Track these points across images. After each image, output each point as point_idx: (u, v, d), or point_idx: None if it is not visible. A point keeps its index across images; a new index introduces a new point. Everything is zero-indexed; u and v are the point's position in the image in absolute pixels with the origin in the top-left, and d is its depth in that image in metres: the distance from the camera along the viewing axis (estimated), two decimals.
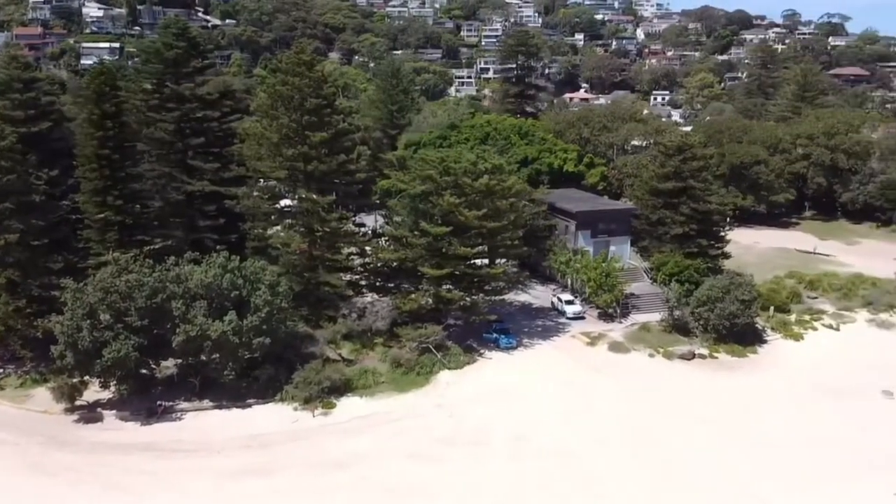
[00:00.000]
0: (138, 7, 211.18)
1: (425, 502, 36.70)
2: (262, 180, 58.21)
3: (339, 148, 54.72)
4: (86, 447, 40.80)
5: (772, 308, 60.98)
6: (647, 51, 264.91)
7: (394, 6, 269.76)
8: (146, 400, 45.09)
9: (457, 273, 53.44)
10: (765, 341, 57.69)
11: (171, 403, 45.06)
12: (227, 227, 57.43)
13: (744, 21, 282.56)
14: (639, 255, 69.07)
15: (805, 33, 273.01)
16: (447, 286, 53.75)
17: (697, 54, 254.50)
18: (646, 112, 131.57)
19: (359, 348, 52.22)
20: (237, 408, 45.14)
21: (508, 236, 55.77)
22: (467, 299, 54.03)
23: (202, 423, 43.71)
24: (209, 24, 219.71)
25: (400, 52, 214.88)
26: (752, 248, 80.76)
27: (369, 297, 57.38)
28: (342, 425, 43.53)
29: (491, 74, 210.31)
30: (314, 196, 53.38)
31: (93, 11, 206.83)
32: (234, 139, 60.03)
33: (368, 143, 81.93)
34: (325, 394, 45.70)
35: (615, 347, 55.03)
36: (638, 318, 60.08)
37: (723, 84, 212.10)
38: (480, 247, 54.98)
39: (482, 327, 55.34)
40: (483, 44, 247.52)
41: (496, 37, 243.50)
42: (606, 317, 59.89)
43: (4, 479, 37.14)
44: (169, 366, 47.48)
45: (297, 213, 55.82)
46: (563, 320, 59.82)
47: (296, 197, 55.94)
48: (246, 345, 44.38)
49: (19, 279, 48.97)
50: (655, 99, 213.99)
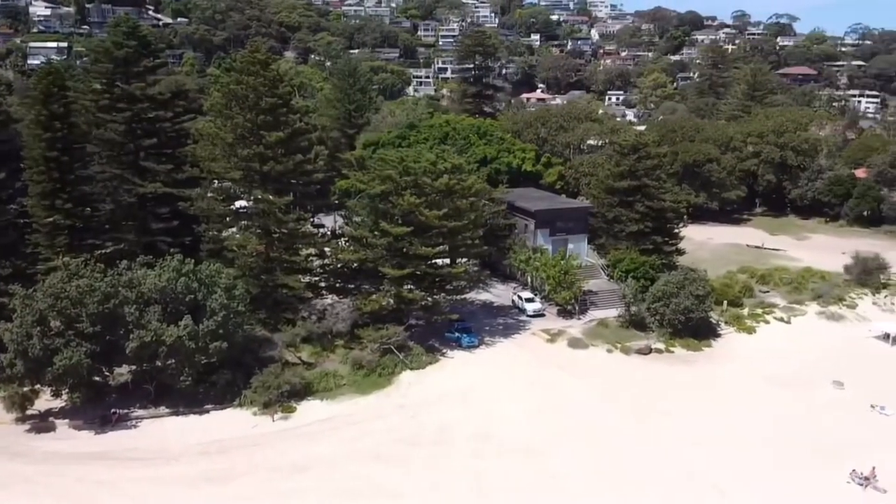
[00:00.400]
0: (87, 5, 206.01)
1: (389, 503, 36.53)
2: (216, 181, 57.16)
3: (296, 148, 54.12)
4: (39, 457, 39.57)
5: (725, 302, 62.39)
6: (601, 51, 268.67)
7: (350, 5, 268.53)
8: (100, 408, 43.94)
9: (418, 273, 53.37)
10: (719, 335, 58.99)
11: (125, 411, 44.00)
12: (181, 230, 56.35)
13: (695, 22, 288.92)
14: (596, 253, 70.10)
15: (754, 34, 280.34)
16: (408, 286, 53.62)
17: (650, 55, 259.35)
18: (601, 112, 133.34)
19: (319, 351, 51.68)
20: (194, 414, 44.32)
21: (469, 235, 55.92)
22: (429, 299, 53.96)
23: (158, 430, 42.78)
24: (160, 23, 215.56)
25: (356, 51, 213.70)
26: (706, 244, 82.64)
27: (329, 299, 56.88)
28: (303, 429, 43.08)
29: (449, 74, 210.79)
30: (271, 197, 52.66)
31: (40, 10, 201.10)
32: (188, 140, 58.96)
33: (326, 143, 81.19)
34: (285, 398, 45.15)
35: (574, 343, 55.65)
36: (596, 314, 60.92)
37: (675, 84, 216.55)
38: (441, 246, 54.96)
39: (444, 327, 55.37)
40: (440, 44, 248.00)
41: (453, 37, 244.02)
42: (566, 314, 60.56)
43: None
44: (123, 372, 46.29)
45: (254, 215, 54.97)
46: (523, 318, 60.28)
47: (252, 198, 55.06)
48: (202, 350, 43.59)
49: None
50: (610, 99, 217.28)
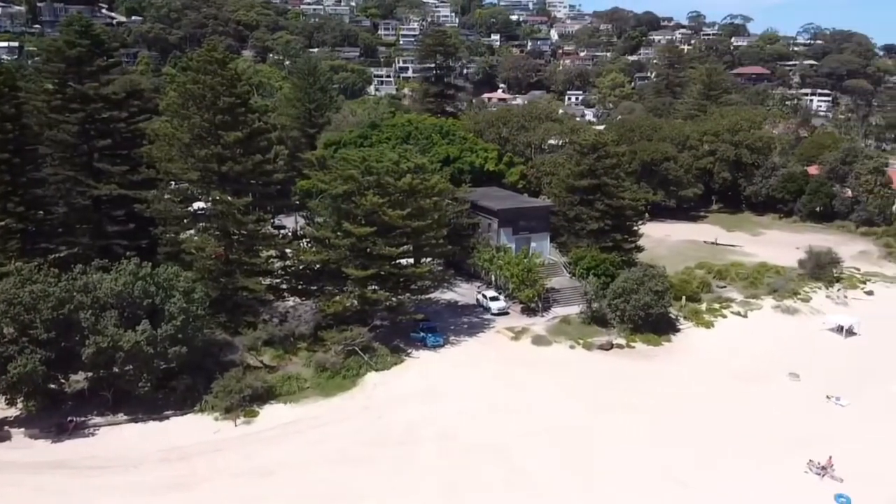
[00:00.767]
0: (38, 4, 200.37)
1: None
2: (173, 182, 56.15)
3: (255, 148, 53.32)
4: None
5: (683, 298, 63.50)
6: (561, 51, 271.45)
7: (308, 4, 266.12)
8: (56, 416, 42.66)
9: (382, 273, 53.10)
10: (678, 330, 59.98)
11: (83, 419, 42.82)
12: (138, 233, 55.19)
13: (652, 22, 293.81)
14: (558, 251, 70.77)
15: (709, 34, 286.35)
16: (372, 287, 53.34)
17: (609, 55, 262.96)
18: (561, 112, 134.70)
19: (281, 354, 51.03)
20: (154, 420, 43.34)
21: (433, 235, 55.86)
22: (393, 299, 53.71)
23: (117, 437, 41.73)
24: (114, 22, 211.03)
25: (316, 50, 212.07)
26: (664, 241, 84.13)
27: (291, 301, 56.20)
28: (266, 433, 42.49)
29: (410, 73, 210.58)
30: (229, 198, 51.75)
31: None
32: (143, 140, 57.80)
33: (286, 143, 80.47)
34: (247, 402, 44.44)
35: (538, 341, 56.07)
36: (559, 311, 61.47)
37: (633, 84, 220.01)
38: (405, 246, 54.83)
39: (409, 327, 55.24)
40: (401, 43, 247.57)
41: (414, 36, 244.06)
42: (529, 311, 60.99)
43: None
44: (79, 379, 45.01)
45: (212, 216, 54.00)
46: (488, 316, 60.53)
47: (210, 199, 54.10)
48: (161, 355, 42.70)
49: None
50: (570, 99, 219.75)
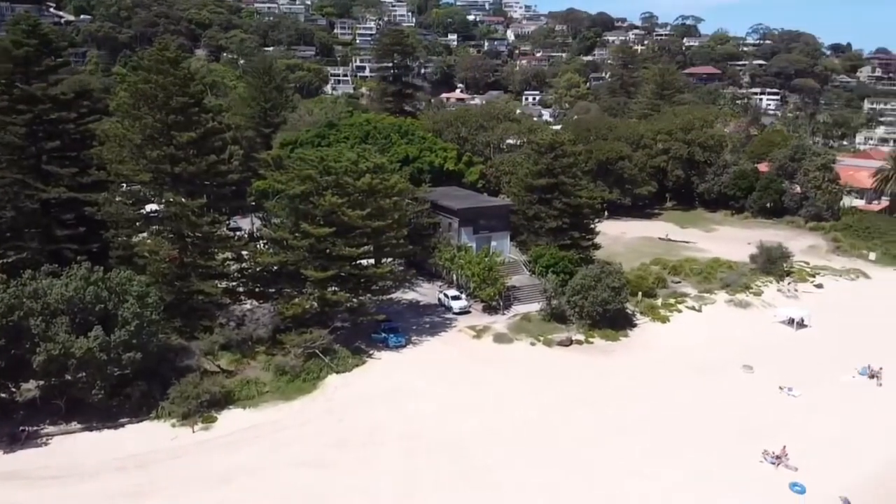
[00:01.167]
0: None
1: None
2: (125, 184, 54.78)
3: (209, 148, 52.32)
4: None
5: (640, 293, 64.58)
6: (517, 52, 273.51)
7: (262, 2, 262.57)
8: (7, 426, 41.26)
9: (342, 274, 52.65)
10: (635, 325, 60.96)
11: (35, 428, 41.46)
12: (89, 236, 53.62)
13: (606, 23, 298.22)
14: (518, 249, 71.30)
15: (662, 35, 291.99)
16: (332, 288, 52.87)
17: (564, 55, 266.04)
18: (518, 112, 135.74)
19: (239, 358, 50.17)
20: (109, 428, 42.18)
21: (393, 235, 55.65)
22: (354, 300, 53.37)
23: (71, 446, 40.50)
24: (62, 20, 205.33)
25: (271, 48, 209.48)
26: (620, 238, 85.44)
27: (248, 304, 55.29)
28: (225, 439, 41.73)
29: (367, 73, 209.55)
30: (183, 199, 50.69)
31: None
32: (93, 142, 56.08)
33: (241, 143, 79.25)
34: (205, 408, 43.62)
35: (500, 338, 56.39)
36: (519, 309, 61.92)
37: (588, 84, 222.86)
38: (365, 247, 54.47)
39: (371, 327, 54.95)
40: (358, 42, 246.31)
41: (371, 35, 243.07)
42: (490, 309, 61.28)
43: None
44: (30, 388, 43.61)
45: (165, 219, 52.81)
46: (449, 315, 60.61)
47: (163, 201, 52.89)
48: (115, 361, 41.58)
49: None
50: (527, 99, 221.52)
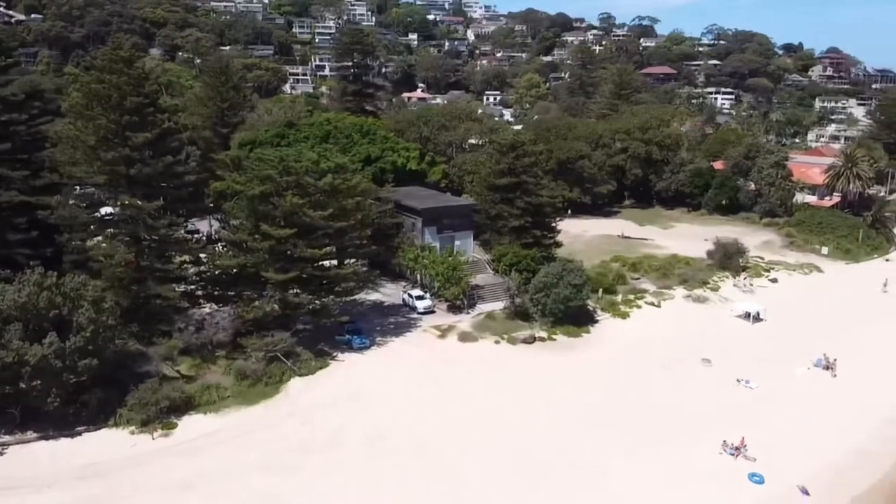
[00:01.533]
0: None
1: None
2: (78, 187, 53.56)
3: (165, 149, 51.26)
4: None
5: (601, 290, 65.36)
6: (478, 52, 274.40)
7: (219, 1, 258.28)
8: None
9: (304, 276, 52.01)
10: (596, 321, 61.70)
11: None
12: (42, 241, 51.91)
13: (565, 24, 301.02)
14: (481, 248, 71.55)
15: (619, 35, 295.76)
16: (294, 290, 52.16)
17: (524, 55, 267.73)
18: (480, 112, 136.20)
19: (199, 363, 49.29)
20: (66, 437, 41.11)
21: (356, 235, 55.26)
22: (316, 302, 52.77)
23: (27, 456, 39.38)
24: (12, 20, 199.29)
25: (228, 48, 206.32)
26: (581, 236, 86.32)
27: (207, 308, 54.33)
28: (186, 445, 40.97)
29: (327, 72, 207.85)
30: (139, 202, 49.52)
31: None
32: (45, 143, 54.65)
33: (198, 143, 77.72)
34: (165, 414, 42.78)
35: (464, 337, 56.52)
36: (483, 307, 62.17)
37: (548, 84, 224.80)
38: (328, 248, 53.93)
39: (334, 329, 54.45)
40: (317, 41, 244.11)
41: (330, 34, 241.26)
42: (455, 309, 61.36)
43: None
44: None
45: (121, 222, 51.56)
46: (414, 315, 60.47)
47: (118, 204, 51.65)
48: (70, 368, 40.48)
49: None
50: (488, 99, 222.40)
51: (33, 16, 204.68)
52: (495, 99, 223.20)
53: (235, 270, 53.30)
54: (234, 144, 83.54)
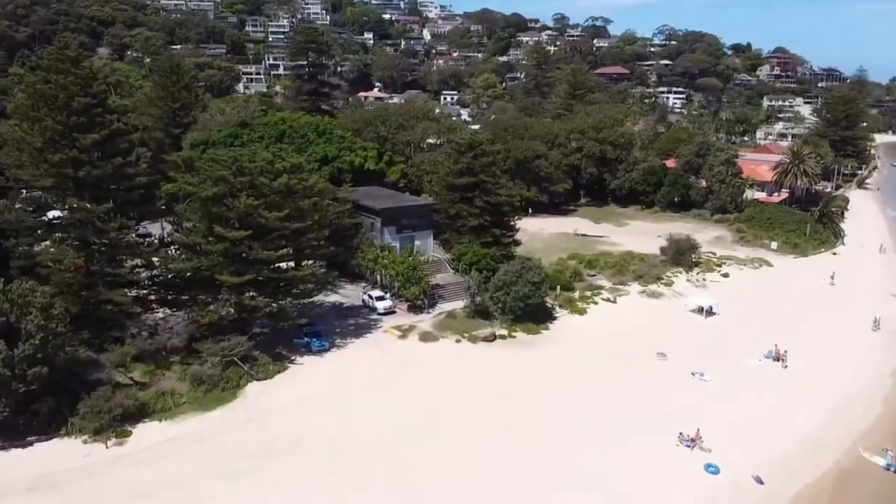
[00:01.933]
0: None
1: None
2: (24, 190, 51.83)
3: (115, 150, 49.97)
4: None
5: (558, 287, 66.10)
6: (434, 51, 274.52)
7: None
8: None
9: (260, 278, 51.31)
10: (555, 318, 62.37)
11: None
12: None
13: (519, 24, 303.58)
14: (441, 248, 71.61)
15: (573, 35, 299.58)
16: (250, 293, 51.40)
17: (480, 55, 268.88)
18: (437, 111, 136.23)
19: (153, 369, 48.18)
20: (16, 447, 39.82)
21: (314, 237, 54.69)
22: (273, 305, 52.08)
23: None
24: None
25: (179, 46, 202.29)
26: (539, 234, 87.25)
27: (161, 313, 53.17)
28: (141, 453, 40.03)
29: (282, 71, 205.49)
30: (88, 205, 48.13)
31: None
32: None
33: (149, 144, 76.04)
34: (118, 422, 41.75)
35: (425, 337, 56.48)
36: (444, 306, 62.30)
37: (504, 84, 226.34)
38: (284, 249, 53.29)
39: (292, 332, 53.82)
40: (271, 40, 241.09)
41: (284, 33, 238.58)
42: (416, 308, 61.30)
43: None
44: None
45: (69, 225, 50.06)
46: (374, 316, 60.18)
47: (66, 207, 50.15)
48: (19, 377, 39.19)
49: None
50: (445, 98, 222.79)
51: None
52: (452, 99, 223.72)
53: (189, 274, 52.15)
54: (186, 145, 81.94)
